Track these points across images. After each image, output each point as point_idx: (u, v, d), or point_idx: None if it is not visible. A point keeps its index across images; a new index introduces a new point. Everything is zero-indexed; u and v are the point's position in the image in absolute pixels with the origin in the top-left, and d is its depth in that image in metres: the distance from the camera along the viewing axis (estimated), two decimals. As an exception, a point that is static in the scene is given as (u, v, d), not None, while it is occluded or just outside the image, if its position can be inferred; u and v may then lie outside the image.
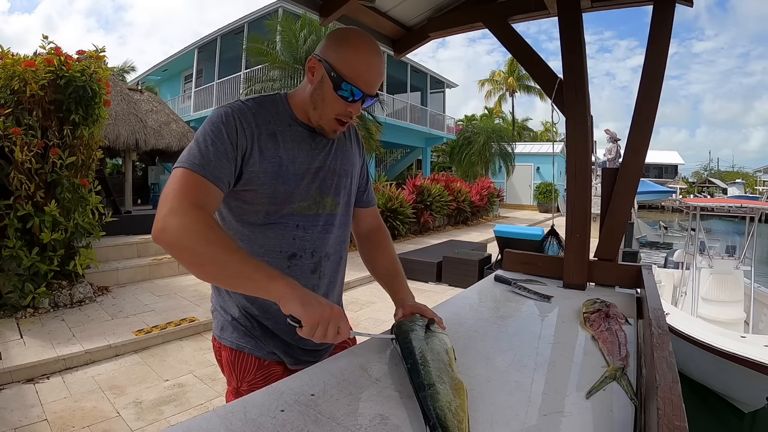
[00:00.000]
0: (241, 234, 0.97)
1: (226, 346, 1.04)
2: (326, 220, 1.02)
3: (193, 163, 0.84)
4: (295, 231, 0.98)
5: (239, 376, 1.03)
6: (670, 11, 1.45)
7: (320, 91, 0.93)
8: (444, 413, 0.64)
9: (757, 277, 5.10)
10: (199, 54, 14.94)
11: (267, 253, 0.97)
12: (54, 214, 4.01)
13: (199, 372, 3.17)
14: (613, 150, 9.37)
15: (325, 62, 0.91)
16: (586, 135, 1.60)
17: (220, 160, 0.86)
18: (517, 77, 25.65)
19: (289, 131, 0.97)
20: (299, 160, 0.97)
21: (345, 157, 1.07)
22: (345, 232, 1.10)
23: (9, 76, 3.96)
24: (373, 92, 0.93)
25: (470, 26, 1.89)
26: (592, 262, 1.61)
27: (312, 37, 8.75)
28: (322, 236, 1.02)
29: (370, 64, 0.91)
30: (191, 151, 0.87)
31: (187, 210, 0.80)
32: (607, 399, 0.77)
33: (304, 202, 0.98)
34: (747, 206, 5.34)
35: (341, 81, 0.89)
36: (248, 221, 0.97)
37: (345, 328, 0.80)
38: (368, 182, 1.21)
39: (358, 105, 0.93)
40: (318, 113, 0.95)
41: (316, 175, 1.00)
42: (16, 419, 2.46)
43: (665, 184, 20.98)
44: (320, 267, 1.04)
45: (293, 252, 0.99)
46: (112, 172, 12.53)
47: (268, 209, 0.95)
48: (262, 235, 0.97)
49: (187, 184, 0.83)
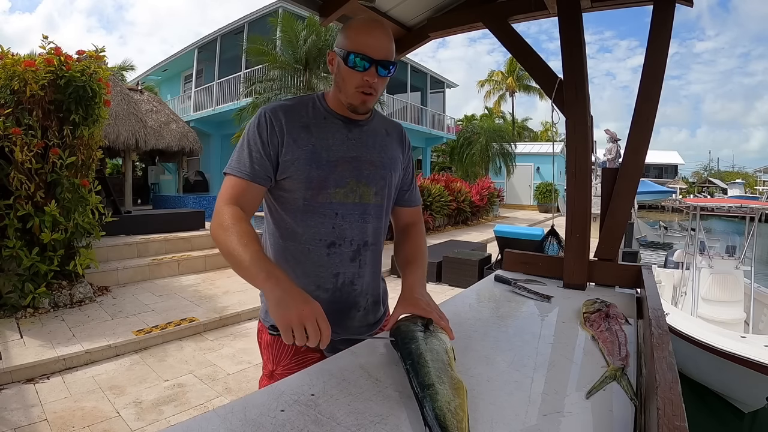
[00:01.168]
0: (286, 224, 1.05)
1: (267, 329, 1.09)
2: (364, 210, 1.06)
3: (231, 167, 1.00)
4: (335, 219, 1.03)
5: (275, 359, 1.08)
6: (670, 11, 1.45)
7: (339, 73, 1.01)
8: (443, 413, 0.64)
9: (757, 277, 5.10)
10: (199, 54, 14.94)
11: (308, 241, 1.03)
12: (54, 214, 4.01)
13: (199, 372, 3.17)
14: (613, 150, 9.37)
15: (336, 48, 1.01)
16: (586, 135, 1.60)
17: (254, 159, 0.98)
18: (517, 77, 25.65)
19: (324, 123, 1.04)
20: (333, 149, 1.03)
21: (384, 150, 1.11)
22: (382, 223, 1.13)
23: (9, 76, 3.96)
24: (380, 56, 0.97)
25: (470, 26, 1.89)
26: (592, 262, 1.61)
27: (312, 37, 8.74)
28: (360, 225, 1.06)
29: (369, 32, 0.98)
30: (232, 156, 1.02)
31: (220, 209, 0.94)
32: (607, 399, 0.77)
33: (340, 189, 1.03)
34: (747, 206, 5.34)
35: (348, 54, 0.97)
36: (290, 210, 1.04)
37: (324, 325, 0.78)
38: (413, 182, 1.23)
39: (372, 72, 0.98)
40: (343, 94, 1.02)
41: (351, 163, 1.04)
42: (16, 419, 2.46)
43: (665, 184, 20.99)
44: (360, 255, 1.08)
45: (332, 240, 1.04)
46: (112, 172, 12.54)
47: (305, 194, 1.01)
48: (304, 223, 1.03)
49: (226, 186, 0.99)
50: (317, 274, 1.05)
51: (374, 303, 1.15)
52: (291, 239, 1.05)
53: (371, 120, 1.12)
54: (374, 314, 1.16)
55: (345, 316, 1.09)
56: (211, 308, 4.42)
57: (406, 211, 1.23)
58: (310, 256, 1.04)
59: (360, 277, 1.08)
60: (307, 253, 1.04)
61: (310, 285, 1.04)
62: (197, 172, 13.45)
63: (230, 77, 13.14)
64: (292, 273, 1.04)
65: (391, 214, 1.20)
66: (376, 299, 1.16)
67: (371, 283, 1.12)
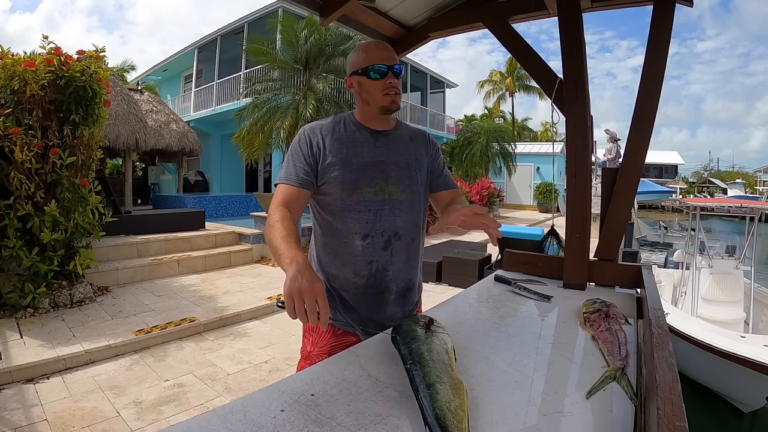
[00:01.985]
0: (327, 223, 1.22)
1: None
2: (392, 205, 1.21)
3: (281, 177, 1.18)
4: (368, 215, 1.19)
5: (314, 340, 1.24)
6: (670, 11, 1.45)
7: (363, 89, 1.20)
8: (444, 413, 0.64)
9: (756, 277, 5.09)
10: (199, 54, 14.94)
11: (346, 235, 1.19)
12: (54, 214, 4.01)
13: (199, 372, 3.17)
14: (613, 150, 9.36)
15: (352, 73, 1.21)
16: (586, 135, 1.60)
17: (298, 167, 1.16)
18: (517, 77, 25.64)
19: (354, 134, 1.22)
20: (363, 155, 1.20)
21: (409, 153, 1.27)
22: (415, 216, 1.27)
23: (9, 76, 3.96)
24: (391, 62, 1.18)
25: (470, 26, 1.89)
26: (592, 262, 1.61)
27: (315, 35, 8.73)
28: (390, 218, 1.21)
29: (377, 48, 1.21)
30: (280, 172, 1.19)
31: (271, 212, 1.10)
32: (607, 399, 0.77)
33: (370, 188, 1.19)
34: (747, 206, 5.34)
35: (366, 70, 1.18)
36: (330, 210, 1.20)
37: (322, 304, 0.83)
38: (444, 170, 1.38)
39: (390, 75, 1.18)
40: (373, 103, 1.20)
41: (379, 166, 1.21)
42: (16, 419, 2.46)
43: (665, 184, 20.98)
44: (391, 245, 1.22)
45: (366, 233, 1.19)
46: (112, 172, 12.54)
47: (341, 195, 1.17)
48: (341, 220, 1.19)
49: (278, 192, 1.16)
50: (354, 263, 1.20)
51: (406, 289, 1.28)
52: (332, 235, 1.22)
53: (396, 129, 1.28)
54: (408, 301, 1.29)
55: (379, 299, 1.23)
56: (211, 308, 4.42)
57: (443, 194, 1.36)
58: (347, 248, 1.20)
59: (392, 264, 1.22)
60: (345, 245, 1.20)
61: (348, 273, 1.21)
62: (197, 172, 13.47)
63: (230, 77, 13.14)
64: (333, 264, 1.22)
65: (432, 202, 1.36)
66: (409, 286, 1.29)
67: (403, 270, 1.25)
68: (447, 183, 1.38)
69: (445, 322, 0.98)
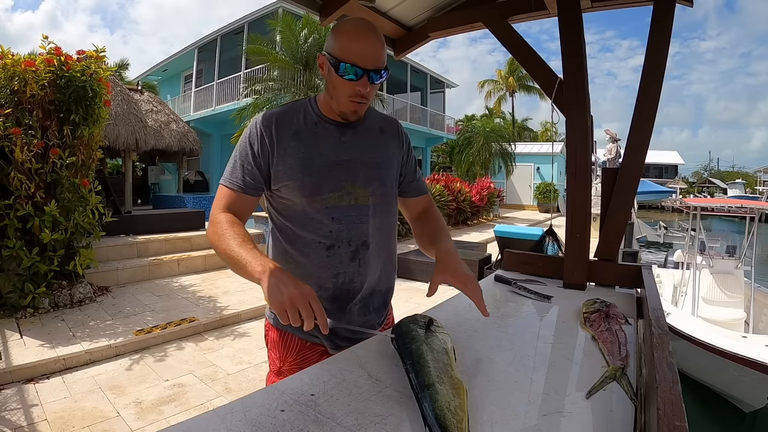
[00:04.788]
0: (287, 229, 1.08)
1: (273, 327, 1.14)
2: (360, 211, 1.07)
3: (224, 178, 1.05)
4: (331, 224, 1.05)
5: (282, 356, 1.12)
6: (670, 11, 1.45)
7: (330, 80, 1.01)
8: (443, 413, 0.64)
9: (757, 277, 5.09)
10: (199, 54, 14.94)
11: (308, 244, 1.06)
12: (54, 214, 4.01)
13: (199, 372, 3.17)
14: (613, 150, 9.37)
15: (327, 54, 1.00)
16: (586, 135, 1.60)
17: (246, 170, 1.03)
18: (518, 78, 25.65)
19: (315, 128, 1.06)
20: (326, 153, 1.04)
21: (378, 149, 1.12)
22: (385, 220, 1.13)
23: (9, 77, 3.96)
24: (372, 66, 0.97)
25: (470, 26, 1.89)
26: (592, 262, 1.61)
27: (314, 35, 8.73)
28: (357, 226, 1.07)
29: (361, 41, 0.97)
30: (227, 166, 1.07)
31: (215, 218, 1.00)
32: (607, 399, 0.77)
33: (335, 194, 1.04)
34: (747, 206, 5.34)
35: (339, 63, 0.96)
36: (290, 216, 1.07)
37: (316, 306, 0.81)
38: (416, 172, 1.24)
39: (364, 82, 0.98)
40: (335, 101, 1.03)
41: (344, 167, 1.05)
42: (16, 419, 2.46)
43: (665, 184, 20.94)
44: (359, 255, 1.09)
45: (331, 242, 1.06)
46: (112, 172, 12.54)
47: (301, 202, 1.03)
48: (303, 228, 1.06)
49: (220, 197, 1.05)
50: (318, 275, 1.07)
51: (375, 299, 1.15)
52: (292, 243, 1.08)
53: (364, 119, 1.11)
54: (376, 313, 1.16)
55: (345, 312, 1.11)
56: (211, 308, 4.42)
57: (415, 201, 1.25)
58: (310, 258, 1.07)
59: (360, 275, 1.10)
60: (307, 255, 1.07)
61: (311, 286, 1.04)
62: (197, 172, 13.45)
63: (230, 77, 13.15)
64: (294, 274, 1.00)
65: (401, 206, 1.24)
66: (378, 296, 1.16)
67: (373, 281, 1.13)
68: (419, 188, 1.25)
69: (445, 322, 0.97)
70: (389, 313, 1.24)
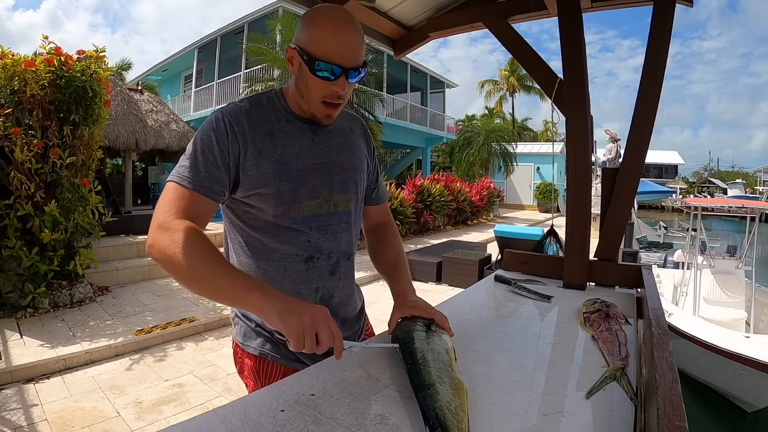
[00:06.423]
0: (255, 242, 0.95)
1: (250, 354, 1.00)
2: (340, 219, 0.99)
3: (182, 176, 0.86)
4: (310, 233, 0.95)
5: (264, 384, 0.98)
6: (670, 11, 1.45)
7: (301, 78, 0.89)
8: (444, 413, 0.64)
9: (758, 276, 5.09)
10: (199, 54, 14.95)
11: (283, 257, 0.95)
12: (54, 214, 4.01)
13: (199, 372, 3.17)
14: (613, 150, 9.37)
15: (298, 48, 0.87)
16: (586, 135, 1.60)
17: (209, 170, 0.86)
18: (518, 77, 25.67)
19: (288, 127, 0.94)
20: (301, 156, 0.93)
21: (352, 151, 1.03)
22: (357, 230, 1.07)
23: (9, 76, 3.96)
24: (351, 64, 0.86)
25: (470, 26, 1.89)
26: (592, 262, 1.61)
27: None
28: (337, 236, 0.99)
29: (338, 37, 0.85)
30: (182, 163, 0.87)
31: (172, 225, 0.80)
32: (607, 399, 0.77)
33: (313, 201, 0.94)
34: (747, 206, 5.34)
35: (314, 61, 0.84)
36: (260, 227, 0.93)
37: (335, 329, 0.75)
38: (378, 179, 1.16)
39: (341, 82, 0.86)
40: (306, 101, 0.91)
41: (321, 170, 0.95)
42: (16, 419, 2.46)
43: (665, 184, 20.96)
44: (339, 268, 1.00)
45: (310, 254, 0.96)
46: (112, 172, 12.53)
47: (275, 212, 0.91)
48: (277, 240, 0.94)
49: (175, 198, 0.84)
50: (297, 291, 0.96)
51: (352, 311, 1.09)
52: (264, 258, 0.95)
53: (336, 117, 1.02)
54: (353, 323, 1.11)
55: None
56: (211, 308, 4.42)
57: (375, 210, 1.16)
58: (287, 274, 0.95)
59: (339, 288, 1.02)
60: (283, 270, 0.95)
61: None
62: (197, 172, 13.45)
63: (230, 77, 13.16)
64: None
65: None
66: (356, 308, 1.10)
67: (350, 294, 1.06)
68: (382, 196, 1.16)
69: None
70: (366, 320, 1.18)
